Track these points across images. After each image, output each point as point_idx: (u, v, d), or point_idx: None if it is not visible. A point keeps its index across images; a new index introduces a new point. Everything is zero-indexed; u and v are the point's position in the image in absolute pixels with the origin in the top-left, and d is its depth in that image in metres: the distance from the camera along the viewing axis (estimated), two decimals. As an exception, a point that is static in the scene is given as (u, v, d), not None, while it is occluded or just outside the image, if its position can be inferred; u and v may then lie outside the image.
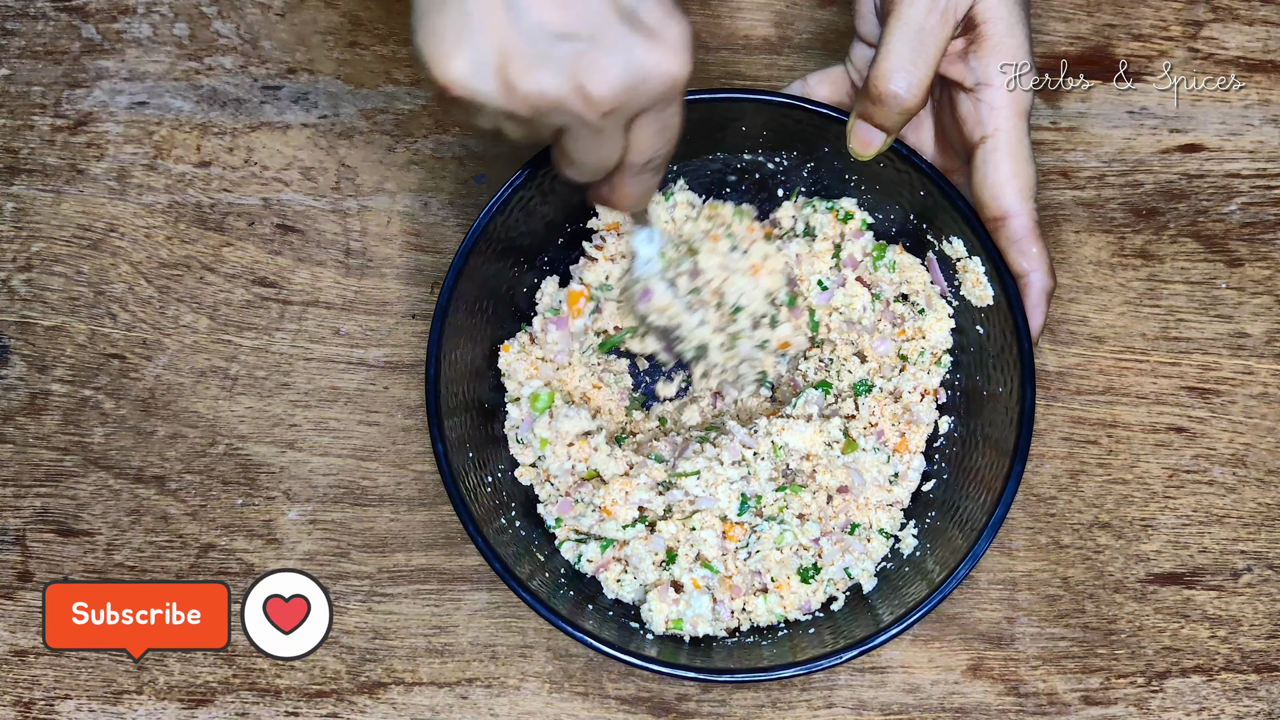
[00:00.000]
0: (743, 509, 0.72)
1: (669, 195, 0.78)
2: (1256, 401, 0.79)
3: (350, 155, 0.81)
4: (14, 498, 0.78)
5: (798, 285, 0.77)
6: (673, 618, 0.72)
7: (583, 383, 0.77)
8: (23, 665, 0.76)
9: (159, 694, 0.75)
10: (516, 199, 0.73)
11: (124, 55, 0.83)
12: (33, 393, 0.79)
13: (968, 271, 0.73)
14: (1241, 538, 0.77)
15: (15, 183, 0.81)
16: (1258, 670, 0.76)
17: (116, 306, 0.80)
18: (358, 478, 0.78)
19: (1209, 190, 0.81)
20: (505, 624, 0.76)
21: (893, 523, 0.74)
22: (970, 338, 0.75)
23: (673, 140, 0.58)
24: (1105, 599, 0.76)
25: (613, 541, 0.73)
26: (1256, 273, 0.80)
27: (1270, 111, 0.82)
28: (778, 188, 0.79)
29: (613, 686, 0.75)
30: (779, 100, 0.72)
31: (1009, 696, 0.75)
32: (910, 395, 0.75)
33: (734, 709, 0.75)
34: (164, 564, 0.77)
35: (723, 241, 0.73)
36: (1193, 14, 0.83)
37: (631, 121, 0.55)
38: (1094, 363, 0.79)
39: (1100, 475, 0.78)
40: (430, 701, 0.75)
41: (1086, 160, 0.81)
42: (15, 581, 0.77)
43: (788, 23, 0.83)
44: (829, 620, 0.72)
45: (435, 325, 0.71)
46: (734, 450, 0.72)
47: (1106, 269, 0.80)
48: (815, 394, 0.75)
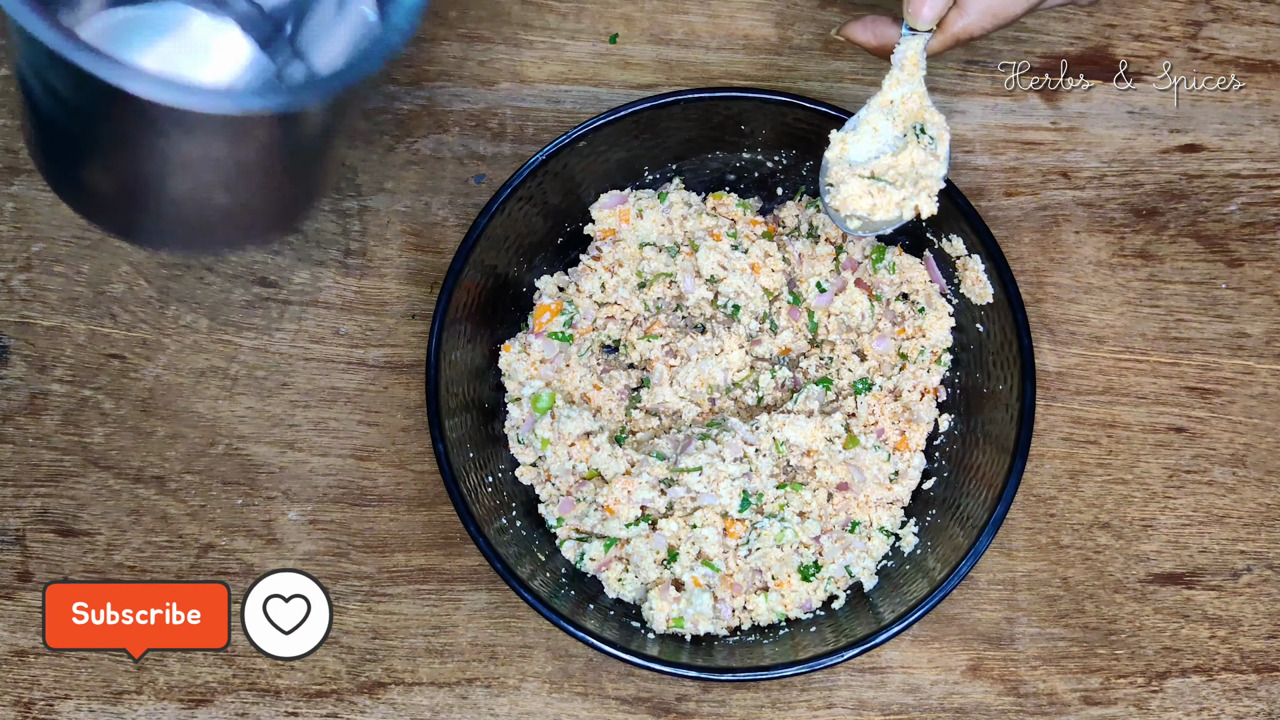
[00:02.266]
0: (744, 506, 0.72)
1: (663, 196, 0.78)
2: (1256, 401, 0.79)
3: (350, 155, 0.81)
4: (14, 498, 0.78)
5: (797, 286, 0.77)
6: (674, 616, 0.72)
7: (583, 383, 0.77)
8: (23, 665, 0.76)
9: (159, 694, 0.75)
10: (516, 199, 0.73)
11: (124, 55, 0.83)
12: (33, 393, 0.79)
13: (967, 269, 0.73)
14: (1241, 538, 0.77)
15: (15, 183, 0.81)
16: (1258, 670, 0.76)
17: (116, 306, 0.80)
18: (358, 478, 0.78)
19: (1209, 190, 0.81)
20: (505, 624, 0.76)
21: (893, 521, 0.74)
22: (970, 336, 0.75)
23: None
24: (1105, 599, 0.76)
25: (615, 540, 0.73)
26: (1256, 273, 0.80)
27: (1270, 111, 0.82)
28: (777, 186, 0.79)
29: (613, 686, 0.75)
30: (779, 99, 0.72)
31: (1009, 697, 0.75)
32: (910, 394, 0.75)
33: (734, 709, 0.75)
34: (164, 564, 0.77)
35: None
36: (1193, 14, 0.83)
37: None
38: (1094, 363, 0.79)
39: (1100, 475, 0.78)
40: (430, 701, 0.75)
41: (1086, 160, 0.81)
42: (15, 581, 0.77)
43: (788, 23, 0.83)
44: (830, 619, 0.72)
45: (435, 325, 0.71)
46: (735, 447, 0.73)
47: (1106, 269, 0.80)
48: (816, 390, 0.75)
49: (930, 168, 0.69)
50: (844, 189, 0.69)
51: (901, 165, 0.68)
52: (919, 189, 0.69)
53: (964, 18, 0.68)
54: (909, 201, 0.69)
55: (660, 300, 0.77)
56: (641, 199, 0.78)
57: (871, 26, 0.71)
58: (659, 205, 0.78)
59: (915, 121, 0.69)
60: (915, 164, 0.68)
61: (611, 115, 0.73)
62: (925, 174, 0.68)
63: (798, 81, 0.82)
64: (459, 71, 0.82)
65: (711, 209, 0.78)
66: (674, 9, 0.83)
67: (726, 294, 0.76)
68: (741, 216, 0.78)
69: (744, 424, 0.74)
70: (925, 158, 0.68)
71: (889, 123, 0.69)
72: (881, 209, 0.69)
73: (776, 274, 0.76)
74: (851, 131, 0.69)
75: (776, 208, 0.79)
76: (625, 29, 0.83)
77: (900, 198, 0.69)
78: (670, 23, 0.83)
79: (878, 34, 0.71)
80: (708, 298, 0.77)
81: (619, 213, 0.77)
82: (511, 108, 0.82)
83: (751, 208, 0.79)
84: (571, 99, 0.82)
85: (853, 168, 0.69)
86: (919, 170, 0.68)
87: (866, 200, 0.69)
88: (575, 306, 0.77)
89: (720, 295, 0.77)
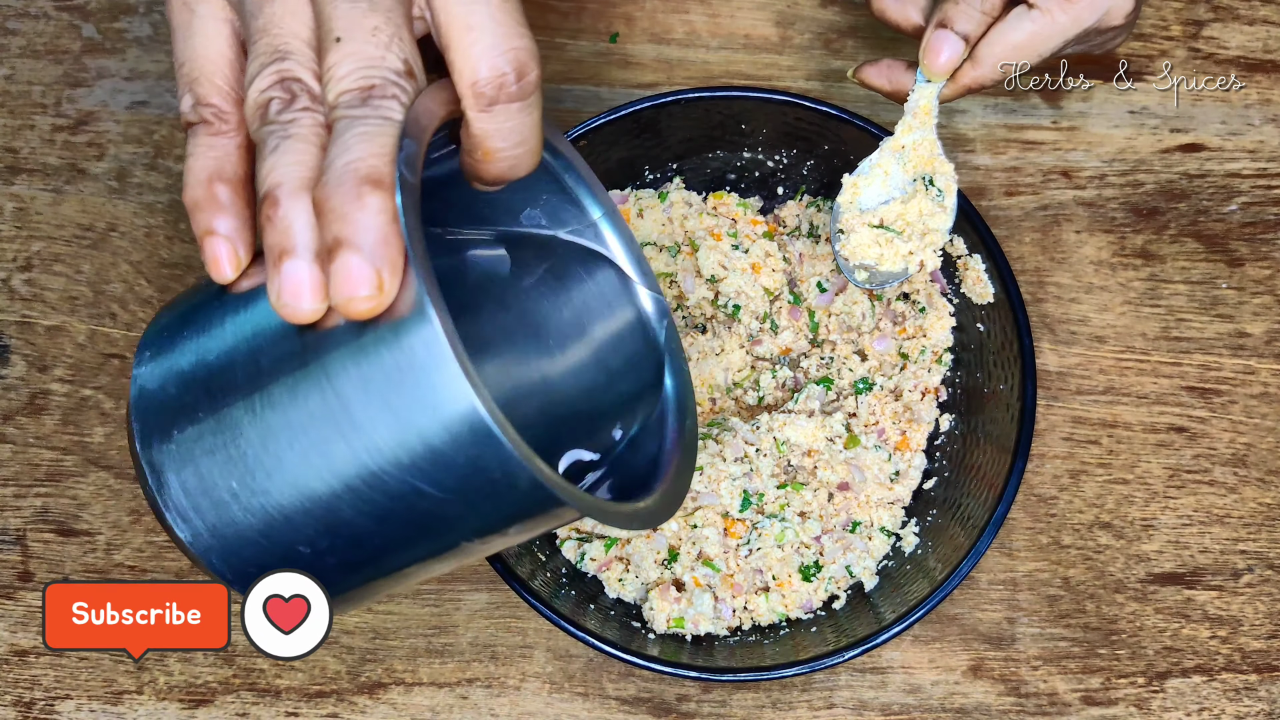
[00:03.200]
0: (745, 505, 0.72)
1: (664, 195, 0.78)
2: (1257, 401, 0.79)
3: (350, 155, 0.81)
4: (14, 498, 0.78)
5: (797, 285, 0.77)
6: (674, 616, 0.72)
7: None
8: (23, 665, 0.76)
9: (159, 694, 0.75)
10: (517, 198, 0.73)
11: (125, 55, 0.83)
12: (33, 393, 0.79)
13: (968, 269, 0.73)
14: (1242, 538, 0.77)
15: (15, 182, 0.81)
16: (1258, 670, 0.76)
17: (116, 306, 0.80)
18: (358, 477, 0.78)
19: (1210, 190, 0.81)
20: (505, 624, 0.76)
21: (894, 521, 0.74)
22: (971, 335, 0.75)
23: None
24: (1106, 599, 0.76)
25: (616, 540, 0.73)
26: (1257, 272, 0.80)
27: (1271, 111, 0.82)
28: (777, 186, 0.79)
29: (613, 687, 0.75)
30: (779, 99, 0.72)
31: (1009, 697, 0.75)
32: (911, 393, 0.75)
33: (734, 709, 0.75)
34: (164, 564, 0.77)
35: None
36: (1193, 14, 0.83)
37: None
38: (1094, 363, 0.79)
39: (1101, 475, 0.78)
40: (430, 702, 0.75)
41: (1087, 160, 0.81)
42: (15, 581, 0.77)
43: (788, 23, 0.83)
44: (831, 619, 0.72)
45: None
46: (736, 446, 0.73)
47: (1107, 269, 0.80)
48: (816, 389, 0.75)
49: (936, 220, 0.70)
50: (854, 238, 0.70)
51: (909, 214, 0.70)
52: (925, 243, 0.70)
53: (976, 69, 0.69)
54: (915, 255, 0.70)
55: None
56: (642, 198, 0.78)
57: (886, 72, 0.72)
58: (659, 205, 0.78)
59: (925, 171, 0.70)
60: (923, 214, 0.69)
61: (611, 114, 0.73)
62: (932, 226, 0.70)
63: (798, 81, 0.82)
64: (459, 71, 0.82)
65: (712, 209, 0.78)
66: (674, 8, 0.83)
67: (727, 294, 0.76)
68: (742, 216, 0.78)
69: (745, 424, 0.74)
70: (932, 209, 0.69)
71: (899, 167, 0.70)
72: (888, 260, 0.70)
73: (777, 274, 0.76)
74: (863, 175, 0.70)
75: (777, 207, 0.79)
76: (625, 28, 0.83)
77: (907, 250, 0.70)
78: (671, 22, 0.83)
79: (892, 79, 0.72)
80: (708, 297, 0.77)
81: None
82: (512, 107, 0.82)
83: (752, 207, 0.78)
84: (571, 98, 0.82)
85: (863, 214, 0.71)
86: (926, 222, 0.70)
87: (874, 250, 0.70)
88: None
89: (721, 295, 0.77)
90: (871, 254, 0.70)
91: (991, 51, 0.68)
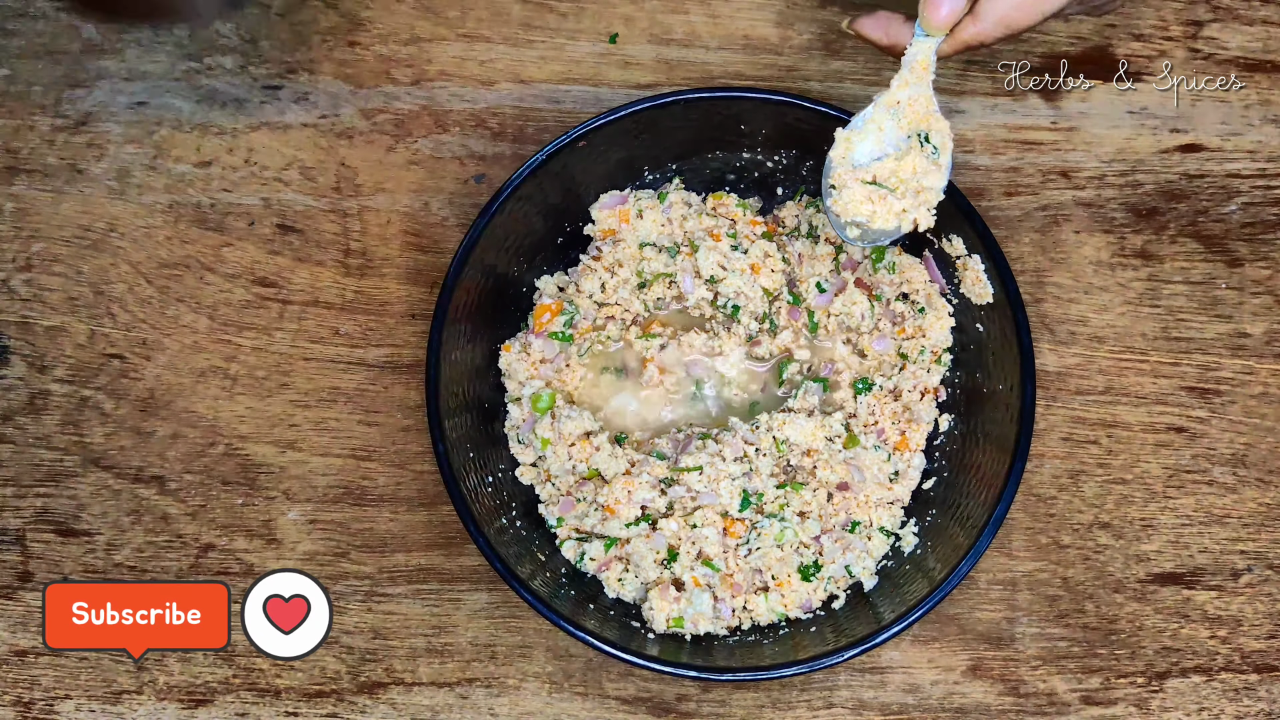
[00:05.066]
0: (744, 505, 0.72)
1: (663, 196, 0.78)
2: (1256, 401, 0.79)
3: (350, 155, 0.81)
4: (14, 498, 0.78)
5: (797, 286, 0.77)
6: (674, 616, 0.72)
7: (583, 383, 0.77)
8: (23, 665, 0.76)
9: (159, 694, 0.75)
10: (516, 199, 0.73)
11: (124, 55, 0.83)
12: (33, 393, 0.79)
13: (967, 269, 0.73)
14: (1241, 538, 0.77)
15: (15, 183, 0.81)
16: (1258, 670, 0.76)
17: (116, 306, 0.80)
18: (358, 478, 0.78)
19: (1209, 190, 0.81)
20: (505, 624, 0.76)
21: (893, 520, 0.74)
22: (970, 335, 0.75)
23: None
24: (1105, 599, 0.76)
25: (615, 540, 0.73)
26: (1256, 273, 0.80)
27: (1270, 111, 0.82)
28: (777, 186, 0.79)
29: (612, 686, 0.75)
30: (779, 99, 0.72)
31: (1009, 696, 0.75)
32: (910, 393, 0.75)
33: (734, 709, 0.75)
34: (164, 564, 0.77)
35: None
36: (1193, 14, 0.83)
37: None
38: (1094, 363, 0.79)
39: (1100, 475, 0.78)
40: (430, 701, 0.75)
41: (1087, 160, 0.81)
42: (15, 581, 0.77)
43: (788, 23, 0.83)
44: (830, 618, 0.72)
45: (435, 325, 0.71)
46: (735, 446, 0.73)
47: (1106, 269, 0.80)
48: (815, 386, 0.75)
49: (931, 178, 0.68)
50: (845, 193, 0.69)
51: (903, 171, 0.68)
52: (919, 201, 0.69)
53: (976, 24, 0.67)
54: (908, 214, 0.69)
55: (660, 300, 0.77)
56: (641, 199, 0.78)
57: (884, 24, 0.71)
58: (659, 205, 0.78)
59: (920, 128, 0.69)
60: (917, 172, 0.68)
61: (611, 115, 0.73)
62: (926, 185, 0.68)
63: (798, 81, 0.82)
64: (459, 71, 0.82)
65: (711, 209, 0.78)
66: (674, 9, 0.83)
67: (726, 294, 0.76)
68: (741, 216, 0.78)
69: (744, 423, 0.74)
70: (927, 166, 0.68)
71: (894, 123, 0.69)
72: (880, 217, 0.69)
73: (776, 274, 0.76)
74: (856, 130, 0.69)
75: (776, 208, 0.79)
76: (625, 29, 0.83)
77: (900, 208, 0.69)
78: (670, 23, 0.83)
79: (889, 32, 0.70)
80: (708, 298, 0.77)
81: (619, 213, 0.77)
82: (511, 108, 0.82)
83: (751, 208, 0.79)
84: (571, 99, 0.82)
85: (855, 170, 0.69)
86: (920, 180, 0.68)
87: (866, 206, 0.69)
88: (575, 306, 0.77)
89: (720, 295, 0.77)
90: (864, 211, 0.69)
91: (994, 6, 0.67)
